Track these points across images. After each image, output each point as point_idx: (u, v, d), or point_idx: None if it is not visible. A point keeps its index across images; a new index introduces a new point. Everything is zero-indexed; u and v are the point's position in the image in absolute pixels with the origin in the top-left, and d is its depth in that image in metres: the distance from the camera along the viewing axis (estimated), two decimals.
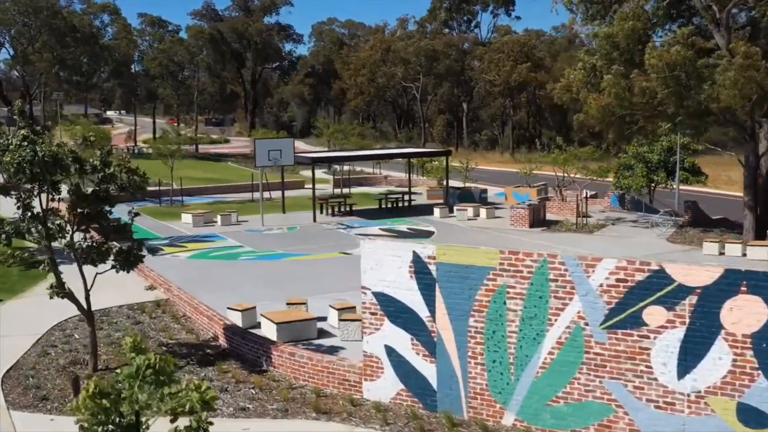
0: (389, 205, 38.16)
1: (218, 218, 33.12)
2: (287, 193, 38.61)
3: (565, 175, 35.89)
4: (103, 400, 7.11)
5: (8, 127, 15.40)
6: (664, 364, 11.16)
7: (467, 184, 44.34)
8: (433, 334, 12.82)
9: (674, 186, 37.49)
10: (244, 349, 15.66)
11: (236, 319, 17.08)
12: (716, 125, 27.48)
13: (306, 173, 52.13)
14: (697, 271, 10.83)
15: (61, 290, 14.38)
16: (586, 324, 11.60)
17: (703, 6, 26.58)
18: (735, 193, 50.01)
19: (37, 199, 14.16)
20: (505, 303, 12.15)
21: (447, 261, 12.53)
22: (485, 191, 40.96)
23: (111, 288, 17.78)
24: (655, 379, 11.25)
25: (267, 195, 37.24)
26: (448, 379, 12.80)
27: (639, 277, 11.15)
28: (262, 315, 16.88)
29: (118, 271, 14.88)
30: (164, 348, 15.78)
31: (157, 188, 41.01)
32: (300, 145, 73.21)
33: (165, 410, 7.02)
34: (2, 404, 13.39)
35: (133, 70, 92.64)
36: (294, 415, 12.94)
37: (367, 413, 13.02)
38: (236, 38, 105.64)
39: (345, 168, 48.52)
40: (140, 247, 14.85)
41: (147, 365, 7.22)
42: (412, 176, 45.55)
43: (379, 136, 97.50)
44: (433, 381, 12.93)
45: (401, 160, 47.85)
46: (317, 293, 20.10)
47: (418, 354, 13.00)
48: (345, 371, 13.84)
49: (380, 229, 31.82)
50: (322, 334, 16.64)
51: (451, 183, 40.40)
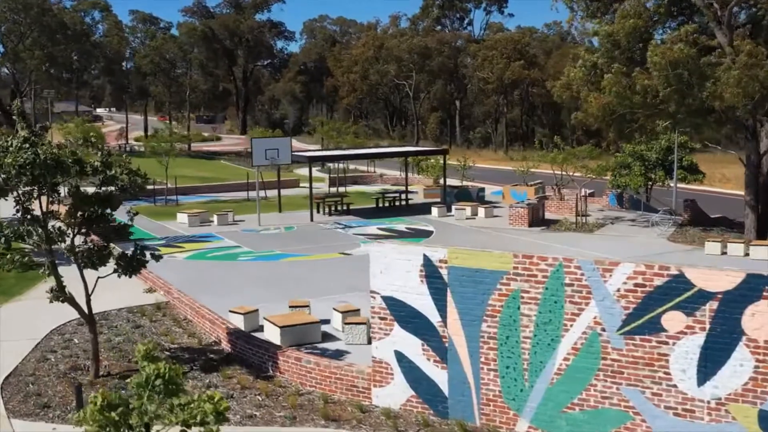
0: (386, 204, 37.88)
1: (214, 218, 32.76)
2: (282, 192, 38.30)
3: (564, 173, 35.68)
4: (111, 412, 6.83)
5: (1, 126, 15.06)
6: (684, 371, 10.93)
7: (464, 183, 44.07)
8: (444, 340, 12.56)
9: (671, 184, 37.34)
10: (249, 353, 15.36)
11: (238, 322, 16.79)
12: (718, 124, 27.26)
13: (300, 172, 51.82)
14: (717, 275, 10.60)
15: (62, 295, 14.05)
16: (603, 329, 11.36)
17: (704, 4, 26.39)
18: (730, 191, 49.96)
19: (35, 202, 13.83)
20: (519, 308, 11.90)
21: (459, 265, 12.27)
22: (482, 190, 40.68)
23: (109, 291, 17.42)
24: (674, 385, 11.02)
25: (262, 194, 36.88)
26: (460, 386, 12.54)
27: (658, 282, 10.92)
28: (264, 318, 16.59)
29: (120, 276, 14.56)
30: (167, 353, 15.47)
31: (151, 187, 40.54)
32: (293, 143, 72.60)
33: (176, 421, 6.75)
34: (2, 412, 13.04)
35: (125, 68, 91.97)
36: (303, 422, 12.65)
37: (377, 420, 12.75)
38: (228, 35, 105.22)
39: (340, 166, 48.17)
40: (143, 251, 14.52)
41: (157, 375, 6.94)
42: (405, 174, 45.26)
43: (372, 133, 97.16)
44: (445, 387, 12.67)
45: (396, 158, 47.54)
46: (318, 295, 19.85)
47: (429, 360, 12.74)
48: (353, 377, 13.56)
49: (378, 228, 31.54)
50: (326, 337, 16.36)
51: (448, 181, 40.13)
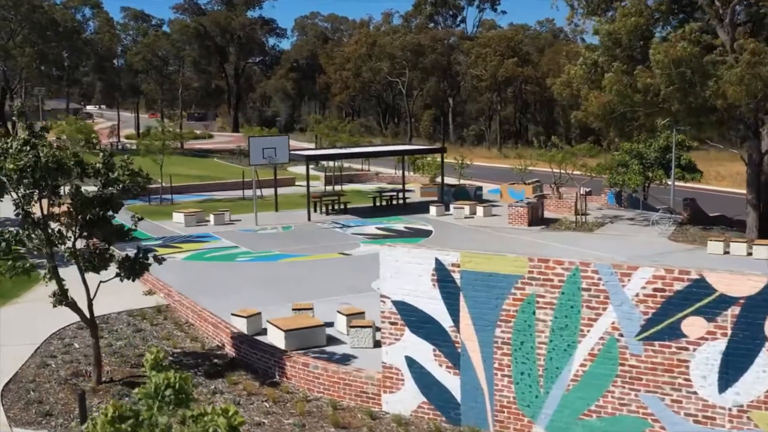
0: (383, 203, 37.60)
1: (211, 217, 32.41)
2: (278, 191, 37.94)
3: (562, 172, 35.46)
4: (122, 424, 6.57)
5: None
6: (704, 377, 10.71)
7: (461, 182, 43.82)
8: (457, 345, 12.31)
9: (669, 183, 37.20)
10: (254, 358, 15.06)
11: (241, 325, 16.49)
12: (719, 122, 27.09)
13: (295, 170, 51.48)
14: (740, 280, 10.38)
15: (64, 299, 13.73)
16: (621, 335, 11.13)
17: (706, 2, 26.20)
18: (726, 189, 49.96)
19: (36, 205, 13.50)
20: (534, 313, 11.65)
21: (472, 269, 12.01)
22: (480, 188, 40.42)
23: (108, 293, 17.03)
24: (695, 392, 10.80)
25: (258, 193, 36.52)
26: (473, 392, 12.29)
27: (678, 286, 10.69)
28: (268, 322, 16.30)
29: (122, 280, 14.25)
30: (170, 358, 15.16)
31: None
32: None
33: None
34: (3, 421, 12.72)
35: (116, 65, 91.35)
36: (312, 430, 12.37)
37: (387, 427, 12.49)
38: (219, 32, 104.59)
39: (336, 164, 47.84)
40: (146, 255, 14.21)
41: (167, 384, 6.67)
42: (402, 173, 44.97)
43: (364, 131, 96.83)
44: (457, 393, 12.42)
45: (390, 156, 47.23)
46: (319, 296, 19.58)
47: (441, 365, 12.48)
48: (363, 383, 13.29)
49: (377, 228, 31.27)
50: (331, 340, 16.09)
51: (445, 180, 39.88)
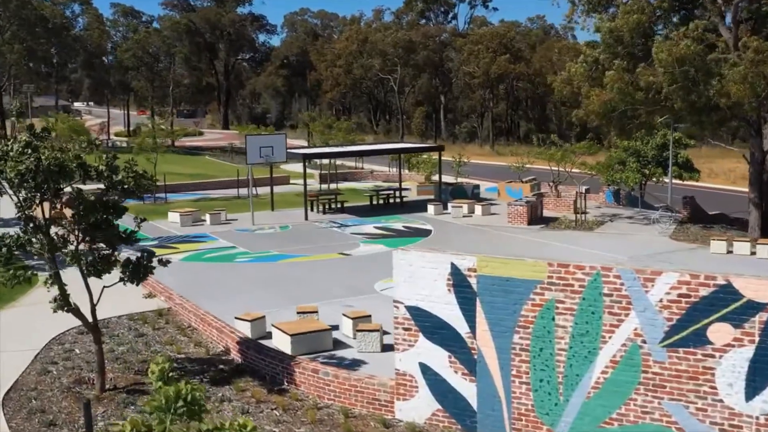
0: (380, 202, 37.27)
1: (207, 217, 32.02)
2: (274, 189, 37.56)
3: (561, 170, 35.25)
4: None
5: None
6: (731, 385, 10.46)
7: (458, 180, 43.53)
8: (473, 352, 12.01)
9: (665, 180, 37.02)
10: (261, 364, 14.72)
11: (245, 329, 16.14)
12: (721, 121, 26.90)
13: (289, 168, 51.03)
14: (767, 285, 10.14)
15: (66, 305, 13.35)
16: (644, 341, 10.86)
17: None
18: (720, 186, 49.92)
19: (37, 209, 13.12)
20: (553, 319, 11.37)
21: (489, 273, 11.72)
22: (477, 187, 40.15)
23: (108, 296, 16.66)
24: (720, 400, 10.54)
25: (254, 191, 36.14)
26: (489, 399, 12.00)
27: (703, 292, 10.43)
28: (273, 326, 15.95)
29: (126, 284, 13.90)
30: (175, 364, 14.79)
31: None
32: None
33: None
34: (6, 430, 12.34)
35: (106, 62, 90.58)
36: None
37: None
38: (209, 29, 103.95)
39: (330, 162, 47.43)
40: (150, 258, 13.85)
41: (177, 396, 6.36)
42: (397, 171, 44.65)
43: (356, 128, 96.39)
44: (473, 401, 12.13)
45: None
46: (321, 298, 19.29)
47: (456, 372, 12.19)
48: (375, 390, 12.98)
49: (375, 227, 30.95)
50: (337, 345, 15.77)
51: (442, 178, 39.58)
